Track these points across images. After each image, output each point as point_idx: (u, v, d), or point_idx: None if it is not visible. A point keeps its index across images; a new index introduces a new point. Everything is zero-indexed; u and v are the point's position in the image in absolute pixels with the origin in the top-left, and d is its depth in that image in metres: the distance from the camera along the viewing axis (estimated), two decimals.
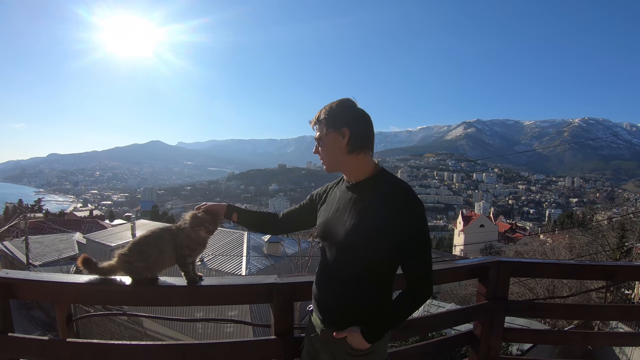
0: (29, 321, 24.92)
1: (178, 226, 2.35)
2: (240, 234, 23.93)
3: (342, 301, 2.01)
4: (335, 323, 2.02)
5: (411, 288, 1.95)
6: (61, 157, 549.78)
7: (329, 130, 2.02)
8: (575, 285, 14.82)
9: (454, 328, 4.20)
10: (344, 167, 2.08)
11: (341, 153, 2.02)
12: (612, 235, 22.07)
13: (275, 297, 2.51)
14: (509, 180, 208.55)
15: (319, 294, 2.13)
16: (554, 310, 4.20)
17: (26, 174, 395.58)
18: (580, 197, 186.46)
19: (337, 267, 2.02)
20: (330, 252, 2.07)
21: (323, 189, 2.32)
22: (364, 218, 1.94)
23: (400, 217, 1.88)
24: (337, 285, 2.02)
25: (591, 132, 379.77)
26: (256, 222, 2.55)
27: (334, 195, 2.18)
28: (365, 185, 2.04)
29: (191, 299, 2.68)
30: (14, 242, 32.06)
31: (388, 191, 1.95)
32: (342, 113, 2.02)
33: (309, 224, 2.44)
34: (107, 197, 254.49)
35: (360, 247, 1.93)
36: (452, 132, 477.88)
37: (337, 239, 2.01)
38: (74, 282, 2.46)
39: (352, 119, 2.02)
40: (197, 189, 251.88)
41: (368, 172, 2.05)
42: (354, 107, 2.04)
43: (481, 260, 3.27)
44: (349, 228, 1.96)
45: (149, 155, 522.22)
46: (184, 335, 18.17)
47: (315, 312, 2.17)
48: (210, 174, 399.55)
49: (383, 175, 2.05)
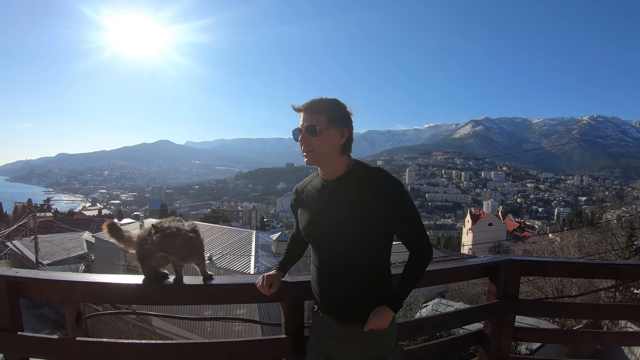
0: (38, 319, 25.13)
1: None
2: (249, 232, 23.97)
3: (354, 291, 2.07)
4: (352, 315, 2.07)
5: (416, 251, 2.12)
6: (70, 157, 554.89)
7: (331, 126, 2.05)
8: (584, 284, 14.74)
9: (463, 327, 4.18)
10: (331, 163, 2.12)
11: (335, 150, 2.08)
12: (621, 234, 21.86)
13: (285, 296, 2.50)
14: (518, 178, 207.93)
15: (327, 291, 2.15)
16: (563, 309, 4.18)
17: (35, 173, 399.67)
18: (589, 196, 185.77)
19: (342, 259, 2.07)
20: (327, 247, 2.12)
21: (294, 194, 2.35)
22: (353, 206, 2.02)
23: (386, 195, 2.01)
24: (345, 277, 2.07)
25: (600, 130, 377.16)
26: (296, 258, 2.57)
27: (312, 195, 2.22)
28: (345, 179, 2.10)
29: (201, 297, 2.68)
30: (23, 241, 32.37)
31: (367, 177, 2.06)
32: (345, 113, 2.10)
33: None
34: (116, 196, 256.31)
35: (358, 234, 2.01)
36: (460, 130, 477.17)
37: (334, 233, 2.06)
38: (83, 280, 2.49)
39: (351, 122, 2.12)
40: (205, 187, 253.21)
41: (344, 168, 2.12)
42: (348, 112, 2.12)
43: (492, 258, 3.26)
44: (343, 219, 2.02)
45: (157, 155, 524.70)
46: (192, 333, 18.22)
47: (324, 310, 2.19)
48: (219, 173, 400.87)
49: (358, 165, 2.14)
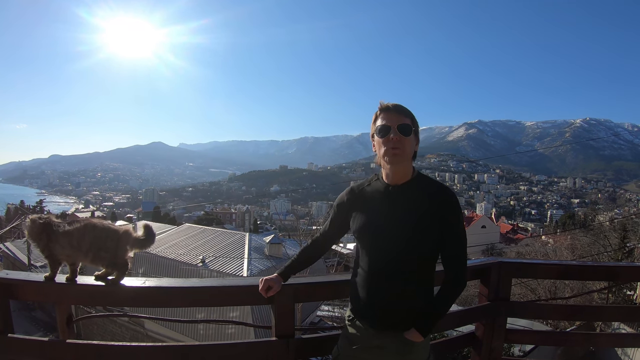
0: (30, 322, 24.95)
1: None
2: (242, 235, 24.02)
3: (400, 299, 2.09)
4: (394, 324, 2.10)
5: (453, 276, 2.13)
6: (63, 158, 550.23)
7: (413, 135, 2.16)
8: (577, 286, 14.79)
9: (455, 329, 4.19)
10: (404, 166, 2.18)
11: (410, 155, 2.17)
12: (613, 236, 22.02)
13: (276, 299, 2.50)
14: (511, 181, 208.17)
15: (373, 296, 2.14)
16: (556, 311, 4.19)
17: (28, 175, 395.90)
18: (582, 198, 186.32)
19: (395, 265, 2.09)
20: (380, 252, 2.13)
21: (348, 194, 2.35)
22: (413, 215, 2.07)
23: (446, 211, 2.08)
24: (395, 284, 2.09)
25: (593, 133, 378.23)
26: (308, 262, 2.58)
27: (372, 197, 2.24)
28: (410, 185, 2.17)
29: (192, 300, 2.70)
30: (16, 243, 32.19)
31: (431, 189, 2.13)
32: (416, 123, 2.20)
33: (344, 232, 2.46)
34: (109, 198, 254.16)
35: (414, 243, 2.05)
36: (453, 133, 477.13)
37: (390, 238, 2.09)
38: (75, 283, 2.46)
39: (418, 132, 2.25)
40: (199, 190, 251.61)
41: (409, 176, 2.19)
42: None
43: (482, 261, 3.27)
44: (404, 225, 2.07)
45: (150, 157, 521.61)
46: (185, 336, 18.18)
47: (364, 317, 2.20)
48: (212, 175, 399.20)
49: (421, 176, 2.22)
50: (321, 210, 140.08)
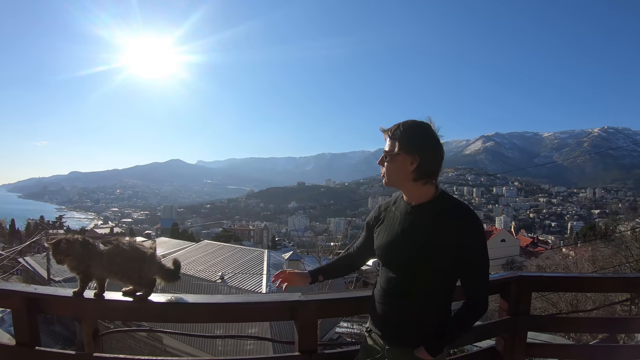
0: (49, 335, 25.14)
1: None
2: (261, 252, 24.04)
3: (412, 317, 2.07)
4: (407, 340, 2.09)
5: (473, 300, 2.08)
6: (82, 175, 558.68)
7: (401, 152, 2.03)
8: (599, 298, 14.51)
9: (474, 344, 4.16)
10: (404, 189, 2.14)
11: (405, 177, 2.06)
12: (635, 246, 21.50)
13: (299, 315, 2.54)
14: (530, 193, 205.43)
15: (386, 313, 2.16)
16: (577, 324, 4.15)
17: (48, 191, 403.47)
18: (602, 208, 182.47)
19: (406, 284, 2.08)
20: (396, 270, 2.12)
21: (376, 212, 2.35)
22: (431, 237, 2.01)
23: (464, 234, 1.99)
24: (409, 303, 2.08)
25: (611, 142, 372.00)
26: (341, 271, 2.63)
27: (394, 215, 2.20)
28: (428, 207, 2.08)
29: (216, 315, 2.74)
30: (35, 257, 32.56)
31: (451, 212, 2.04)
32: (419, 140, 2.02)
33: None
34: (128, 214, 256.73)
35: (429, 264, 2.01)
36: (470, 146, 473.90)
37: (405, 257, 2.07)
38: (100, 298, 2.52)
39: (427, 149, 2.03)
40: (217, 207, 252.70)
41: (429, 196, 2.09)
42: (432, 137, 2.05)
43: (502, 275, 3.27)
44: (418, 247, 2.02)
45: (168, 174, 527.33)
46: (203, 352, 18.12)
47: (379, 333, 2.21)
48: (230, 192, 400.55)
49: (444, 196, 2.11)
50: (339, 226, 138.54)
